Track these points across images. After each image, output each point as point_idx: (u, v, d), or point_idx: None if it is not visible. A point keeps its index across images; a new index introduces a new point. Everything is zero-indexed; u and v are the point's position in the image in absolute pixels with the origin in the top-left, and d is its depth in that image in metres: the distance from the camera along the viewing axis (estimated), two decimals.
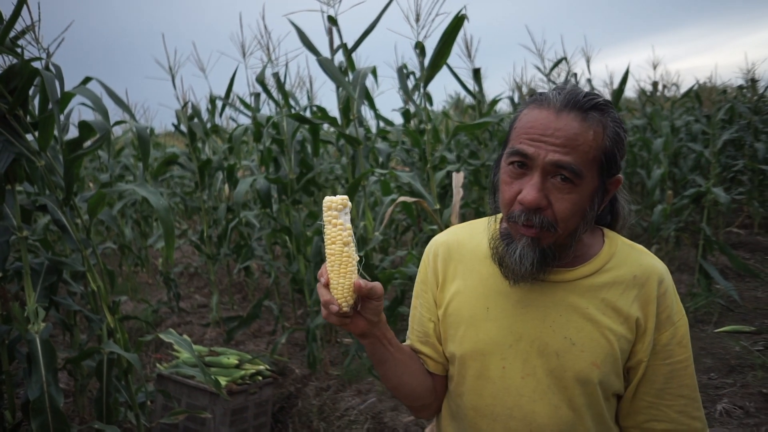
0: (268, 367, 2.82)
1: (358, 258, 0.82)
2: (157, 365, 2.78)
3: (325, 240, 0.82)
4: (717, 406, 2.50)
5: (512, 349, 0.90)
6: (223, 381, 2.55)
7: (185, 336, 2.08)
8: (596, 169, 0.83)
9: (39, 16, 1.73)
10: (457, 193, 2.36)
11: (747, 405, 2.50)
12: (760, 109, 5.94)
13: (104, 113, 1.75)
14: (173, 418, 2.10)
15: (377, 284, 0.83)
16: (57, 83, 1.68)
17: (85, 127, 1.88)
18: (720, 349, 3.20)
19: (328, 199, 0.81)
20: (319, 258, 3.08)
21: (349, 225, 0.81)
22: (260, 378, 2.70)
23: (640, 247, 0.94)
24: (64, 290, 2.45)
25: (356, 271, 0.81)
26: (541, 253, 0.84)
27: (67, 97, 1.77)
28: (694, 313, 3.75)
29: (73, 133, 2.44)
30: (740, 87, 6.50)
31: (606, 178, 0.85)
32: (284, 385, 3.01)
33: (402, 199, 2.26)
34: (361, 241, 2.55)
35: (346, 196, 0.81)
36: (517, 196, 0.84)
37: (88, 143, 1.92)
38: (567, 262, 0.91)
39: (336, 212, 0.80)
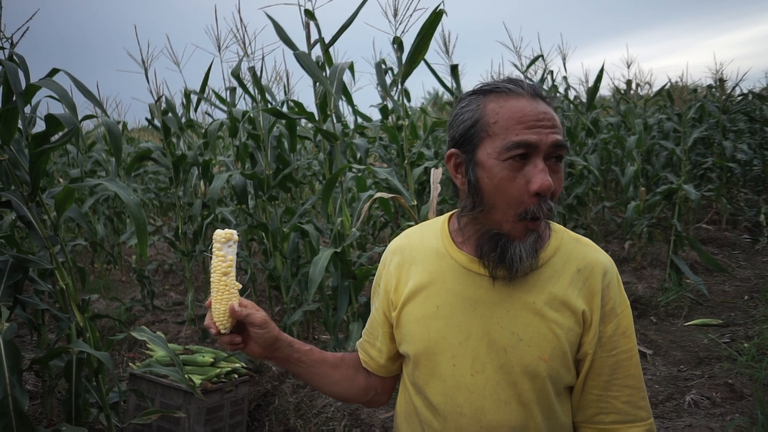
0: (244, 364, 2.79)
1: (239, 287, 0.92)
2: (130, 364, 2.72)
3: (210, 269, 0.91)
4: (686, 398, 2.57)
5: (462, 346, 0.90)
6: (198, 379, 2.51)
7: (159, 333, 2.04)
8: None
9: (0, 3, 1.66)
10: (435, 189, 2.37)
11: (714, 396, 2.57)
12: (727, 108, 6.11)
13: (72, 107, 1.69)
14: (146, 418, 2.06)
15: (257, 314, 0.92)
16: (21, 74, 1.62)
17: (52, 120, 1.82)
18: (689, 342, 3.29)
19: (216, 233, 0.90)
20: (296, 255, 3.06)
21: (231, 257, 0.90)
22: (236, 376, 2.67)
23: (586, 240, 0.96)
24: (32, 289, 2.38)
25: (234, 299, 0.91)
26: (537, 240, 0.86)
27: (32, 89, 1.70)
28: (666, 306, 3.84)
29: (40, 126, 2.36)
30: (709, 86, 6.67)
31: None
32: (261, 383, 2.99)
33: (379, 194, 2.26)
34: (338, 237, 2.53)
35: (233, 231, 0.91)
36: (525, 189, 0.82)
37: (56, 137, 1.86)
38: None
39: (219, 244, 0.90)
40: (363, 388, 1.05)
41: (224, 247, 0.90)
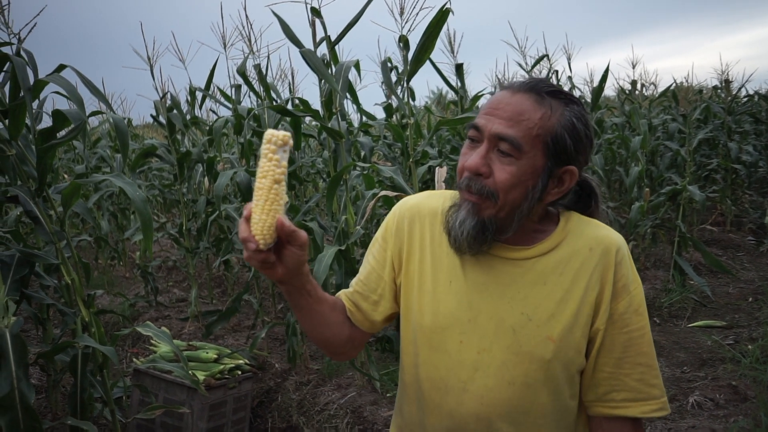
0: (247, 361, 2.80)
1: (287, 200, 0.79)
2: (134, 360, 2.73)
3: (257, 173, 0.78)
4: (689, 399, 2.57)
5: (471, 324, 0.91)
6: (201, 376, 2.52)
7: (164, 328, 2.04)
8: (540, 147, 0.85)
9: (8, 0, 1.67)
10: (440, 188, 2.37)
11: (717, 397, 2.57)
12: (733, 109, 6.09)
13: (79, 102, 1.70)
14: (150, 413, 2.06)
15: (302, 231, 0.82)
16: (29, 70, 1.63)
17: (59, 116, 1.82)
18: (693, 344, 3.29)
19: (269, 132, 0.77)
20: None
21: (285, 163, 0.77)
22: (239, 372, 2.68)
23: (596, 221, 0.97)
24: (37, 284, 2.39)
25: (281, 211, 0.78)
26: (480, 223, 0.87)
27: (40, 84, 1.71)
28: (669, 308, 3.84)
29: (46, 122, 2.37)
30: (715, 87, 6.64)
31: (555, 163, 0.87)
32: (264, 380, 3.00)
33: (384, 193, 2.26)
34: (342, 235, 2.54)
35: (288, 133, 0.77)
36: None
37: (62, 133, 1.87)
38: (525, 241, 0.93)
39: (274, 147, 0.77)
40: (347, 336, 1.01)
41: (279, 151, 0.77)
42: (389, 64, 3.32)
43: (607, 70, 5.03)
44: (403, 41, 2.51)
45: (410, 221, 1.00)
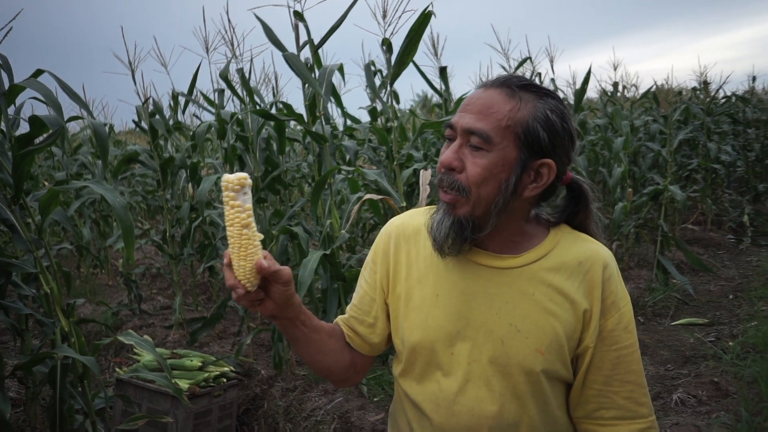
0: (232, 368, 2.76)
1: (261, 237, 0.80)
2: (117, 369, 2.69)
3: (225, 222, 0.78)
4: (672, 396, 2.60)
5: (460, 335, 0.91)
6: (185, 384, 2.48)
7: (146, 337, 2.01)
8: (512, 139, 0.84)
9: None
10: (425, 190, 2.37)
11: (700, 394, 2.60)
12: (712, 110, 6.21)
13: (57, 107, 1.67)
14: (133, 423, 2.03)
15: (284, 269, 0.83)
16: (4, 74, 1.60)
17: (36, 122, 1.79)
18: (676, 341, 3.33)
19: (224, 178, 0.76)
20: (285, 257, 3.04)
21: (248, 205, 0.77)
22: (225, 380, 2.65)
23: (585, 235, 0.96)
24: (15, 294, 2.34)
25: (258, 252, 0.79)
26: (457, 223, 0.87)
27: (16, 89, 1.68)
28: (653, 306, 3.88)
29: (24, 128, 2.32)
30: (694, 89, 6.77)
31: (530, 156, 0.85)
32: (250, 387, 2.96)
33: (368, 196, 2.26)
34: (328, 240, 2.52)
35: (244, 174, 0.77)
36: None
37: (40, 139, 1.83)
38: (512, 249, 0.92)
39: (233, 193, 0.76)
40: (348, 362, 1.02)
41: (239, 196, 0.76)
42: (373, 68, 3.32)
43: (589, 73, 5.09)
44: (387, 44, 2.51)
45: (396, 241, 1.00)
